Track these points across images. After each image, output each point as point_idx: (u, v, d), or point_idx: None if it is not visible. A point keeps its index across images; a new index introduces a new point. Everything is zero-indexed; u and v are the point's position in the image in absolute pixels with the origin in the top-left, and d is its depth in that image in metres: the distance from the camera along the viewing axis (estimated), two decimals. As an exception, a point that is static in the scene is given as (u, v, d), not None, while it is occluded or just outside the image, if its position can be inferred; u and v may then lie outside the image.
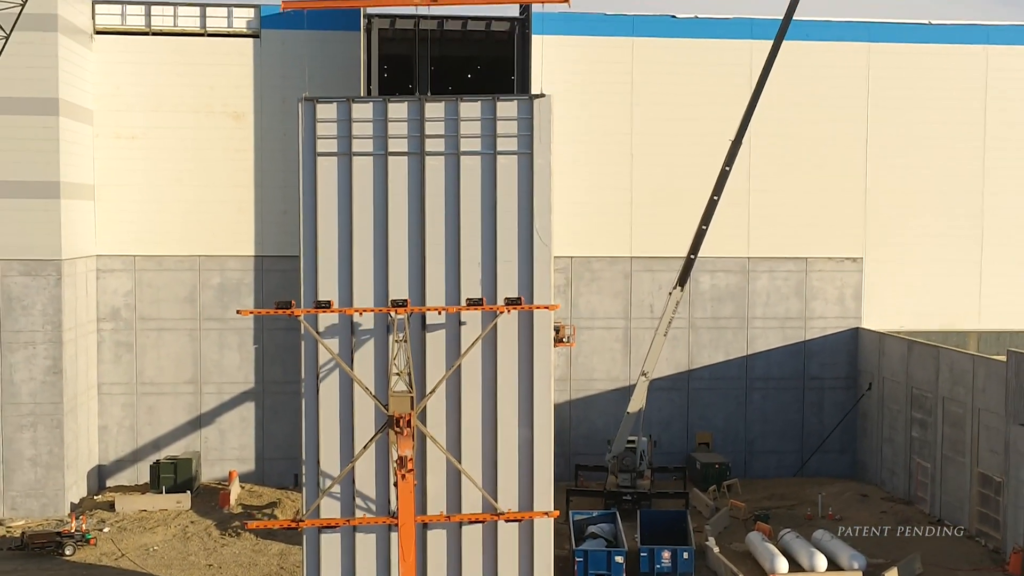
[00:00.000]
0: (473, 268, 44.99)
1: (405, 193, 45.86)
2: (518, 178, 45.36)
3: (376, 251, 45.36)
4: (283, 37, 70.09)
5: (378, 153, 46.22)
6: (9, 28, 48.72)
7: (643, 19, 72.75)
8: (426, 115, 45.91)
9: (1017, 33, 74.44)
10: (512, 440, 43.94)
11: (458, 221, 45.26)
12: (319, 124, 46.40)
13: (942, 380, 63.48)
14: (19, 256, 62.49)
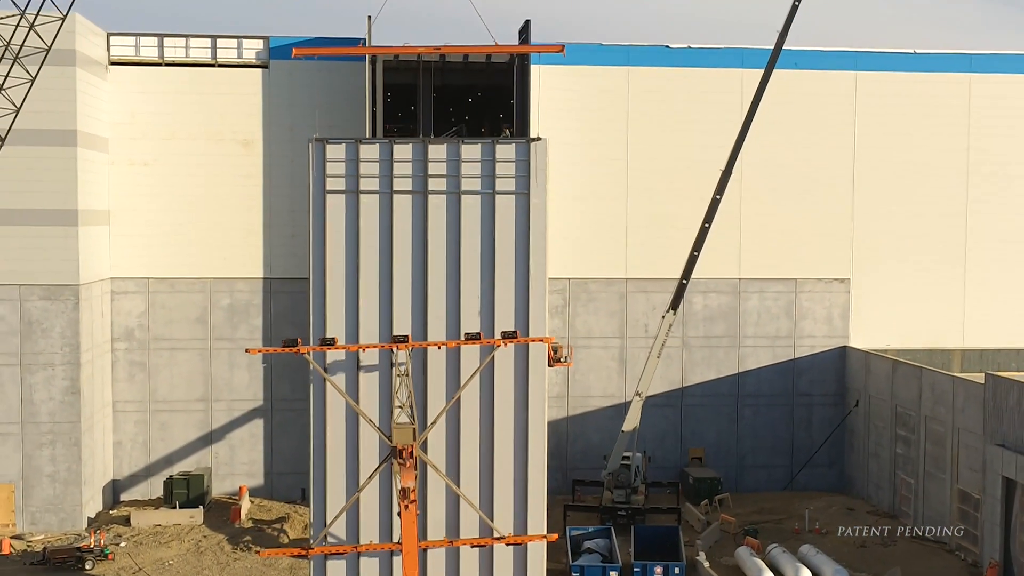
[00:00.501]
0: (472, 301, 47.75)
1: (409, 229, 48.68)
2: (515, 216, 48.15)
3: (382, 284, 48.14)
4: (291, 67, 72.72)
5: (384, 191, 49.01)
6: (35, 72, 51.35)
7: (638, 49, 75.38)
8: (429, 156, 48.69)
9: (999, 62, 77.04)
10: (508, 465, 46.68)
11: (459, 257, 48.04)
12: (328, 163, 49.19)
13: (924, 399, 66.10)
14: (39, 281, 65.16)
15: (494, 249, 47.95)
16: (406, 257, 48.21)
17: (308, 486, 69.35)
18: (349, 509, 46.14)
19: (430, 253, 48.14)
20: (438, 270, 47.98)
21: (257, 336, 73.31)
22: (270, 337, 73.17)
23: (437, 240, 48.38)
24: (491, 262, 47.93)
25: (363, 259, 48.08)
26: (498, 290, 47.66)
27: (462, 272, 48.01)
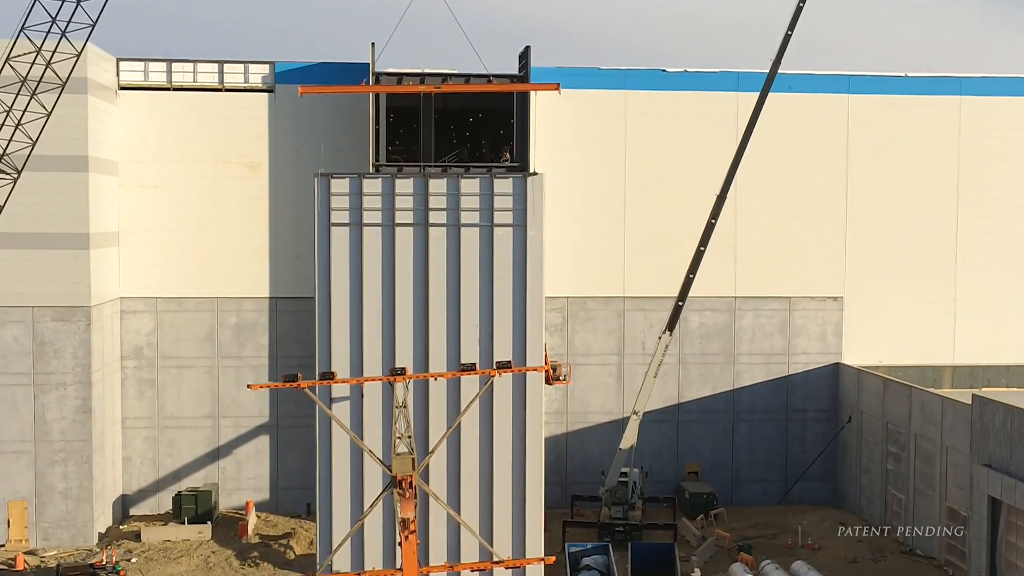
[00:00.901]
0: (471, 330, 49.62)
1: (410, 260, 50.60)
2: (513, 248, 50.04)
3: (384, 314, 50.02)
4: (296, 92, 74.24)
5: (386, 224, 50.85)
6: (50, 106, 53.08)
7: (635, 73, 77.10)
8: (430, 190, 50.51)
9: (989, 84, 78.69)
10: (506, 490, 48.49)
11: (458, 287, 49.93)
12: (333, 197, 51.10)
13: (914, 418, 67.78)
14: (51, 303, 66.92)
15: (492, 279, 49.84)
16: (407, 287, 50.10)
17: (312, 501, 71.39)
18: (353, 535, 47.93)
19: (431, 284, 49.98)
20: (438, 300, 49.84)
21: (263, 354, 75.03)
22: (276, 356, 74.94)
23: (437, 271, 50.25)
24: (489, 292, 49.79)
25: (366, 290, 49.91)
26: (496, 319, 49.52)
27: (462, 302, 49.92)
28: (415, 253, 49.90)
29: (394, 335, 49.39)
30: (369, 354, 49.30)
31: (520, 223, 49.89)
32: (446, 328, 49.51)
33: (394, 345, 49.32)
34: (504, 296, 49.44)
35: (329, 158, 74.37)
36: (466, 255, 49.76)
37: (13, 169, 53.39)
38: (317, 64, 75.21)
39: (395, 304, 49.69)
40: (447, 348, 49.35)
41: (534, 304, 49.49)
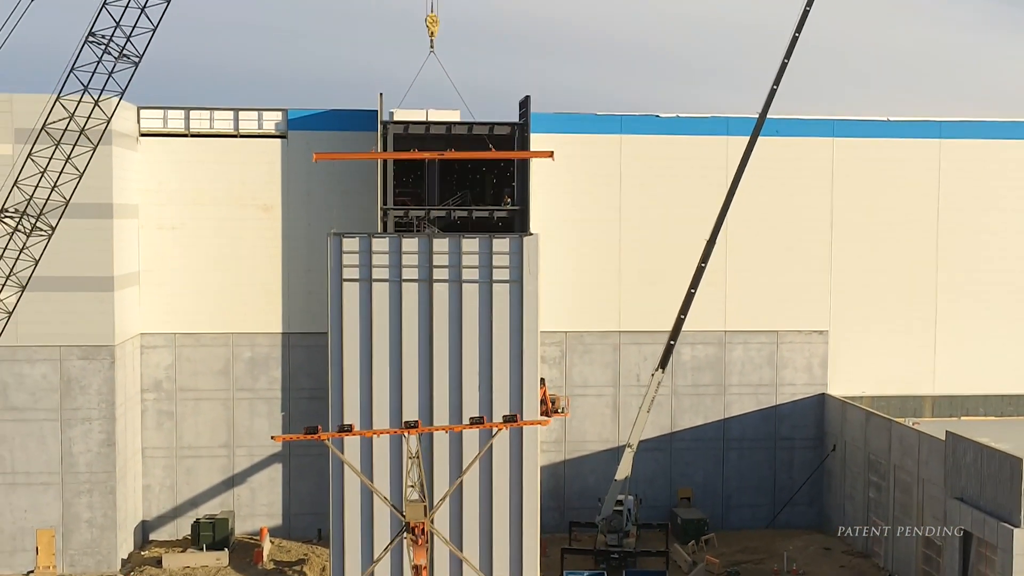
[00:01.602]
0: (472, 381, 53.58)
1: (416, 314, 54.43)
2: (510, 303, 53.95)
3: (392, 363, 53.87)
4: (307, 138, 78.32)
5: (393, 280, 54.77)
6: (82, 168, 56.91)
7: (630, 118, 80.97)
8: (434, 249, 54.39)
9: (967, 128, 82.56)
10: (504, 527, 52.43)
11: (460, 339, 53.94)
12: (344, 255, 54.98)
13: (894, 450, 71.63)
14: (77, 342, 70.77)
15: (491, 333, 53.66)
16: (413, 340, 54.07)
17: (322, 527, 75.42)
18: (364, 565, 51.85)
19: (435, 337, 53.89)
20: (442, 352, 53.81)
21: (276, 387, 78.91)
22: (288, 388, 78.84)
23: (441, 325, 54.26)
24: (489, 345, 53.77)
25: (376, 342, 53.77)
26: (496, 370, 53.41)
27: (463, 354, 53.83)
28: (420, 308, 53.84)
29: (401, 386, 53.20)
30: (379, 404, 53.17)
31: (517, 279, 53.87)
32: (448, 379, 53.44)
33: (401, 395, 53.17)
34: (502, 349, 53.41)
35: (338, 201, 78.59)
36: (467, 310, 53.76)
37: (48, 227, 57.20)
38: (327, 111, 79.10)
39: (402, 356, 53.61)
40: (449, 398, 53.27)
41: (530, 357, 53.44)
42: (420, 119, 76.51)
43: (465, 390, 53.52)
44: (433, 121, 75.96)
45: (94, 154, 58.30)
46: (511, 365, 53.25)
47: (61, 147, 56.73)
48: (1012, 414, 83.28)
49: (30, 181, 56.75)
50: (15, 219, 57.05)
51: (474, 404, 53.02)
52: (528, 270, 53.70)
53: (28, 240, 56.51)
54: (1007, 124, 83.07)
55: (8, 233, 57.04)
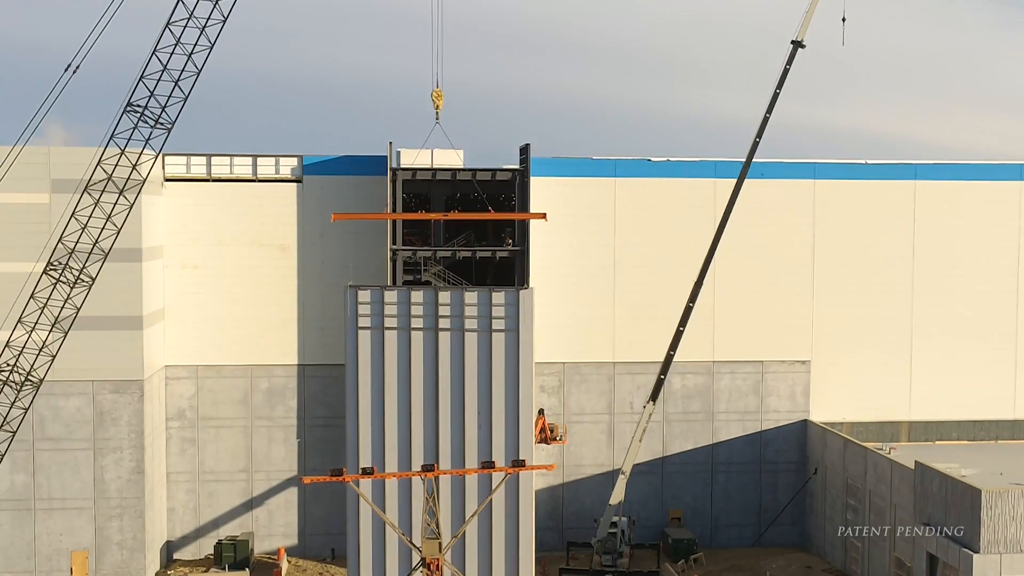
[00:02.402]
0: (473, 421, 58.95)
1: (422, 360, 59.79)
2: (506, 350, 59.32)
3: (401, 404, 59.18)
4: (321, 182, 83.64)
5: (403, 328, 60.14)
6: (120, 225, 62.16)
7: (623, 162, 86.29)
8: (439, 301, 59.77)
9: (940, 170, 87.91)
10: (502, 552, 57.76)
11: (463, 384, 59.29)
12: (360, 305, 60.30)
13: (869, 476, 76.93)
14: (109, 377, 76.03)
15: (490, 378, 59.07)
16: (420, 383, 59.36)
17: (335, 547, 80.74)
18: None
19: (439, 381, 59.15)
20: (446, 396, 59.12)
21: (292, 416, 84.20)
22: (303, 417, 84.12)
23: (444, 370, 59.62)
24: (488, 389, 59.07)
25: (387, 385, 59.07)
26: (494, 410, 58.75)
27: (465, 398, 59.25)
28: (427, 354, 59.29)
29: (410, 426, 58.48)
30: (390, 443, 58.47)
31: (513, 328, 59.32)
32: (451, 421, 58.77)
33: (410, 435, 58.49)
34: (500, 393, 58.81)
35: (350, 241, 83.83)
36: (469, 356, 59.17)
37: (89, 278, 62.48)
38: (340, 157, 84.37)
39: (411, 399, 58.84)
40: (452, 439, 58.57)
41: (525, 400, 58.67)
42: (426, 165, 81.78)
43: (467, 430, 58.83)
44: (439, 167, 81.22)
45: (121, 195, 63.55)
46: (507, 407, 58.53)
47: (101, 206, 61.97)
48: (983, 438, 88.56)
49: (70, 235, 61.87)
50: (59, 271, 62.29)
51: (475, 443, 58.40)
52: (523, 321, 59.11)
53: (72, 291, 61.71)
54: (977, 166, 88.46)
55: (52, 284, 62.27)
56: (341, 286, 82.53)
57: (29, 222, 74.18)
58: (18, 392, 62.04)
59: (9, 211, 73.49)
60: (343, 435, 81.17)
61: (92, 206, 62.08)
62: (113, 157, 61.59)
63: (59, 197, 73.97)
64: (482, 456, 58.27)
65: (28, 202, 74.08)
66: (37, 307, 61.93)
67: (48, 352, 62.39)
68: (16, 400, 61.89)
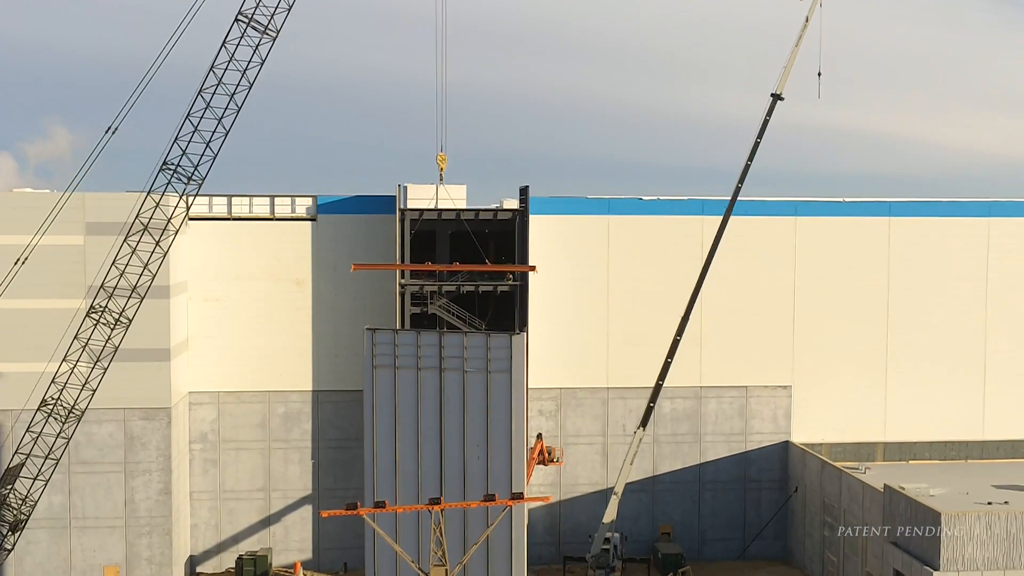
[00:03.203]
0: (472, 454, 65.11)
1: (429, 397, 65.96)
2: (502, 389, 65.48)
3: (410, 439, 65.21)
4: (335, 220, 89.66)
5: (411, 367, 66.18)
6: (154, 271, 68.15)
7: (616, 201, 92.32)
8: (443, 343, 65.87)
9: (914, 207, 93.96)
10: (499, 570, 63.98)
11: (463, 419, 65.43)
12: (376, 346, 66.30)
13: (843, 495, 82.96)
14: (138, 405, 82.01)
15: (487, 413, 65.25)
16: (426, 418, 65.42)
17: (347, 560, 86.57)
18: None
19: (444, 416, 65.46)
20: (449, 430, 65.22)
21: (307, 438, 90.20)
22: (318, 439, 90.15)
23: (448, 405, 65.77)
24: (485, 423, 65.31)
25: (400, 413, 65.07)
26: (491, 445, 64.92)
27: (466, 432, 65.47)
28: (433, 393, 65.44)
29: (418, 461, 64.66)
30: (400, 478, 64.55)
31: (506, 369, 65.55)
32: (454, 455, 64.88)
33: (418, 470, 64.63)
34: (496, 428, 65.17)
35: (362, 275, 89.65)
36: (469, 394, 65.47)
37: (127, 319, 68.45)
38: (352, 197, 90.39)
39: (419, 435, 65.03)
40: (454, 472, 64.71)
41: (518, 435, 64.86)
42: (432, 199, 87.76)
43: (467, 464, 64.99)
44: (444, 208, 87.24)
45: (157, 246, 69.64)
46: (502, 442, 64.71)
47: (138, 254, 67.98)
48: (954, 458, 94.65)
49: (108, 279, 67.82)
50: (99, 313, 68.26)
51: (475, 476, 64.66)
52: (516, 362, 65.37)
53: (112, 332, 67.71)
54: (948, 204, 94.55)
55: (93, 324, 68.26)
56: (353, 318, 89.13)
57: (65, 262, 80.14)
58: (63, 424, 68.03)
59: (48, 252, 79.06)
60: (354, 456, 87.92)
61: (129, 254, 68.05)
62: (148, 210, 67.54)
63: (93, 239, 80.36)
64: (480, 487, 64.41)
65: (65, 243, 79.81)
66: (79, 345, 67.90)
67: (90, 387, 68.37)
68: (61, 431, 67.87)
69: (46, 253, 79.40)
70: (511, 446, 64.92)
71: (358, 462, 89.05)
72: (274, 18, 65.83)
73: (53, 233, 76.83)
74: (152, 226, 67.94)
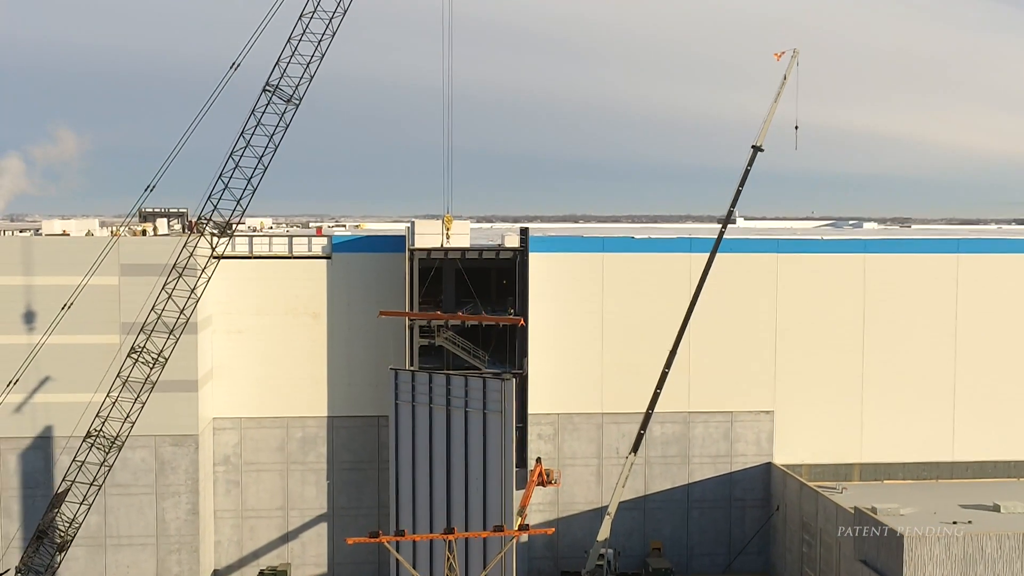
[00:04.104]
0: (474, 486, 72.16)
1: (439, 430, 72.97)
2: (495, 427, 72.64)
3: (423, 471, 72.21)
4: (348, 259, 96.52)
5: (427, 404, 73.13)
6: (189, 315, 74.96)
7: (610, 239, 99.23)
8: (450, 385, 73.09)
9: (887, 244, 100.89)
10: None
11: (466, 453, 72.46)
12: (398, 384, 73.32)
13: (819, 516, 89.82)
14: (168, 432, 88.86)
15: (485, 448, 72.47)
16: (438, 448, 72.48)
17: (361, 575, 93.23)
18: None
19: (451, 449, 72.37)
20: (455, 462, 72.31)
21: (323, 461, 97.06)
22: (332, 461, 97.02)
23: (454, 440, 72.95)
24: (483, 458, 72.54)
25: (415, 451, 72.13)
26: (488, 478, 72.02)
27: (468, 466, 72.53)
28: (442, 427, 72.51)
29: (431, 492, 71.78)
30: (417, 504, 71.78)
31: (499, 410, 73.04)
32: (457, 486, 72.11)
33: (431, 500, 71.81)
34: (491, 461, 72.61)
35: (373, 310, 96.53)
36: (471, 430, 72.84)
37: (164, 358, 75.27)
38: (364, 237, 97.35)
39: (431, 464, 72.16)
40: (457, 502, 72.03)
41: (508, 469, 72.11)
42: (438, 246, 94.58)
43: (470, 497, 72.48)
44: (450, 248, 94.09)
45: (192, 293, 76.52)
46: (494, 475, 72.13)
47: (174, 299, 74.84)
48: (925, 478, 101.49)
49: (144, 320, 74.61)
50: (138, 353, 75.08)
51: (475, 503, 72.11)
52: (507, 403, 73.03)
53: (151, 370, 74.55)
54: (919, 241, 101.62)
55: (133, 363, 75.07)
56: (365, 349, 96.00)
57: (102, 301, 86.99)
58: (106, 453, 74.86)
59: (85, 292, 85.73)
60: (366, 477, 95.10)
61: (166, 300, 74.89)
62: (179, 254, 74.42)
63: (127, 279, 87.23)
64: (480, 515, 72.27)
65: (101, 284, 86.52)
66: (120, 381, 74.72)
67: (130, 420, 75.20)
68: (104, 460, 74.69)
69: (84, 293, 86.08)
70: (503, 481, 72.20)
71: (370, 483, 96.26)
72: (298, 88, 72.64)
73: (91, 274, 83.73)
74: (185, 269, 74.68)
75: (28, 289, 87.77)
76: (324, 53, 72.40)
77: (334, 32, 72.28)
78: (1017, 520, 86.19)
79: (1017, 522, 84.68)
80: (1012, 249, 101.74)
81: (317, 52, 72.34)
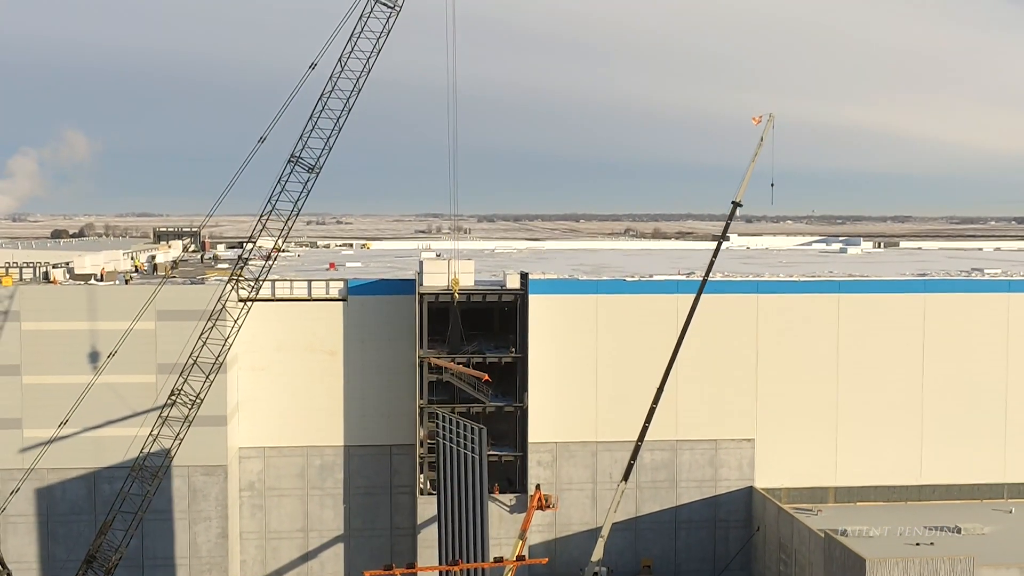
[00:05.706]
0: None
1: (453, 464, 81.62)
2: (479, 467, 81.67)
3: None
4: (363, 301, 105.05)
5: (451, 443, 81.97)
6: (222, 359, 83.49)
7: (604, 282, 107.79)
8: (460, 424, 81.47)
9: (860, 285, 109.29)
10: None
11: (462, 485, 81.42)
12: (427, 422, 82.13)
13: (794, 538, 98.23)
14: (200, 463, 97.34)
15: (475, 483, 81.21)
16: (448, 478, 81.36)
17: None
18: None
19: (457, 484, 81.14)
20: (462, 496, 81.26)
21: (340, 487, 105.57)
22: (348, 487, 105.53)
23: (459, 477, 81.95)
24: (477, 491, 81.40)
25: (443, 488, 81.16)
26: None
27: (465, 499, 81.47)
28: (457, 464, 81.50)
29: (441, 521, 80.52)
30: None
31: (478, 453, 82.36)
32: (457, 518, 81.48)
33: (441, 528, 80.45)
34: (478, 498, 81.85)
35: (385, 346, 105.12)
36: (467, 469, 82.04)
37: (201, 400, 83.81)
38: (377, 281, 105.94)
39: (445, 498, 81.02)
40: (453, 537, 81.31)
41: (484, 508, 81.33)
42: (446, 286, 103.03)
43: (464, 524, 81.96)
44: (457, 291, 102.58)
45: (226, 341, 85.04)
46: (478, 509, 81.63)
47: (208, 346, 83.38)
48: (895, 500, 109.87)
49: (185, 366, 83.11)
50: (176, 396, 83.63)
51: (471, 534, 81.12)
52: (481, 450, 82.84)
53: (189, 411, 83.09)
54: (889, 282, 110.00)
55: (170, 404, 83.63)
56: (378, 383, 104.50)
57: (140, 343, 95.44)
58: (148, 485, 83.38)
59: (126, 336, 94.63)
60: (379, 502, 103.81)
61: (201, 346, 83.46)
62: (213, 301, 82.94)
63: (163, 324, 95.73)
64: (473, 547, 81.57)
65: (139, 328, 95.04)
66: (161, 420, 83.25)
67: (170, 456, 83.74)
68: (147, 492, 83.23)
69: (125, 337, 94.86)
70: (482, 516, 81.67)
71: (383, 507, 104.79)
72: (319, 160, 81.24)
73: (129, 320, 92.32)
74: (218, 319, 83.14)
75: (68, 333, 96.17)
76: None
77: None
78: (977, 541, 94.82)
79: (976, 543, 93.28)
80: (974, 289, 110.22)
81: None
